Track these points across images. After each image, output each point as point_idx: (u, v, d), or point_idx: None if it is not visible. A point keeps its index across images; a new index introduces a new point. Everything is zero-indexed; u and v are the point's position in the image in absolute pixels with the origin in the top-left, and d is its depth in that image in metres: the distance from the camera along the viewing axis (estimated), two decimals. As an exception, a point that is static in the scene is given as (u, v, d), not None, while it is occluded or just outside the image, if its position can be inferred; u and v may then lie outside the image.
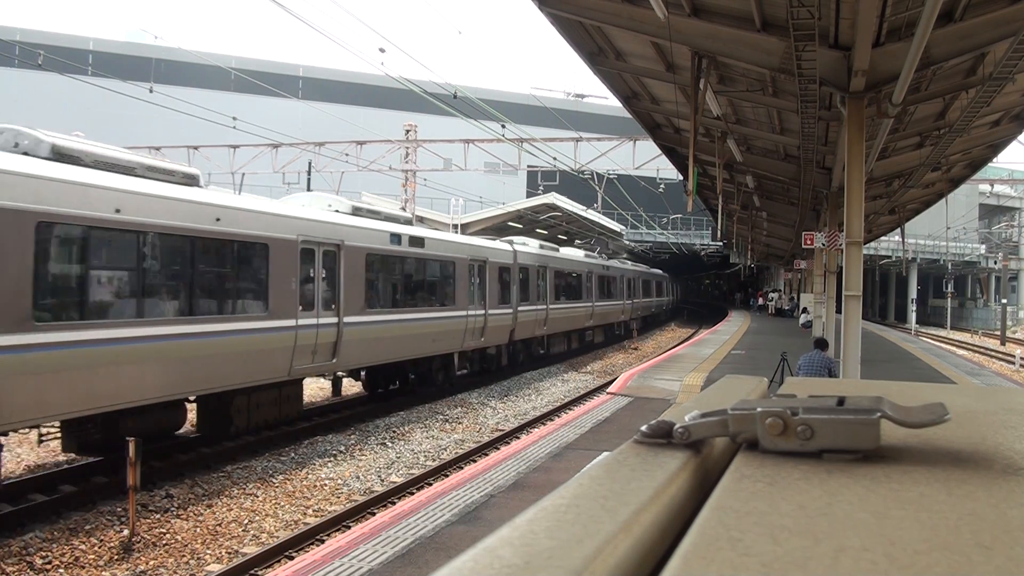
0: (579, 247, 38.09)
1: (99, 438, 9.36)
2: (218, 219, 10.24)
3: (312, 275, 12.17)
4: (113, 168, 9.30)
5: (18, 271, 7.71)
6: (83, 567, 7.22)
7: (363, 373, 15.39)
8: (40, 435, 9.46)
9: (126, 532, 7.85)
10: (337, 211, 13.86)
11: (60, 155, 8.80)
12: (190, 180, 10.44)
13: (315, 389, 16.51)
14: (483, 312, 18.55)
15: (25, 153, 8.55)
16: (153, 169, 10.03)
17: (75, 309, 8.46)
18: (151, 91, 24.64)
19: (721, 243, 44.90)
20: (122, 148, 10.31)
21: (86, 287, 8.69)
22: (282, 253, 11.39)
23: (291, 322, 11.53)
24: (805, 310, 44.90)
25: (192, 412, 11.26)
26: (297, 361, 11.69)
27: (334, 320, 12.58)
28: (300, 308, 11.75)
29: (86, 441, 9.45)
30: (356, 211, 14.47)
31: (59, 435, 9.49)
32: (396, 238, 14.81)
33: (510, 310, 20.48)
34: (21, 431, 10.09)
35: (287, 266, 11.49)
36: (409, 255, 15.36)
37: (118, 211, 8.76)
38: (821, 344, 12.67)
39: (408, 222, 16.49)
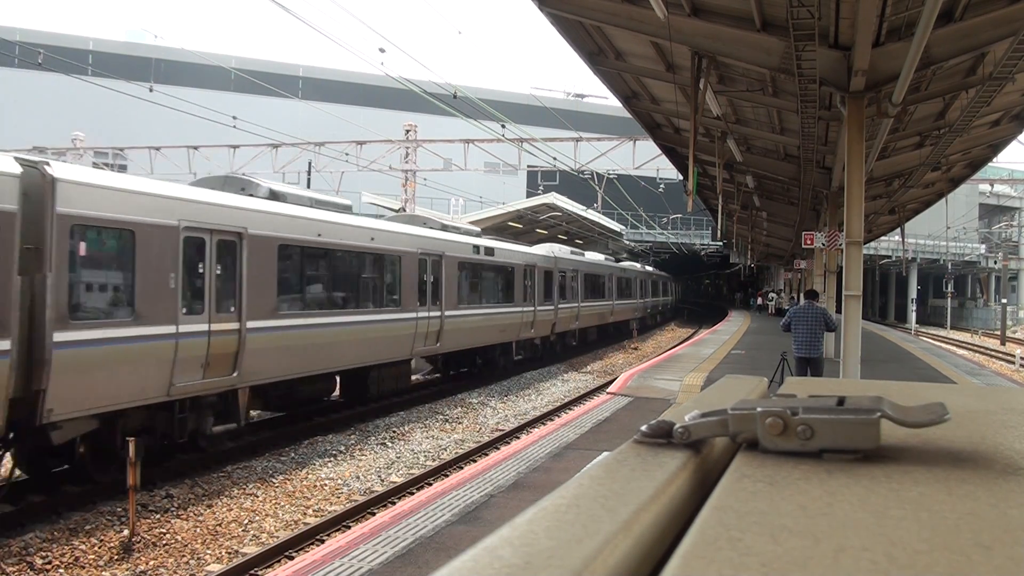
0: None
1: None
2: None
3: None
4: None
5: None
6: (83, 567, 7.22)
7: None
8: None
9: (126, 532, 7.85)
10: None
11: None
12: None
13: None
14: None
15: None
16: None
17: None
18: (151, 91, 24.67)
19: (721, 243, 44.93)
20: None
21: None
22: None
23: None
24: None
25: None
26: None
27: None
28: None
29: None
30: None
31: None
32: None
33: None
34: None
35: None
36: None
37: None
38: (812, 295, 12.70)
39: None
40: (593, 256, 32.84)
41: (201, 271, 9.99)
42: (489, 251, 19.53)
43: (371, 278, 14.29)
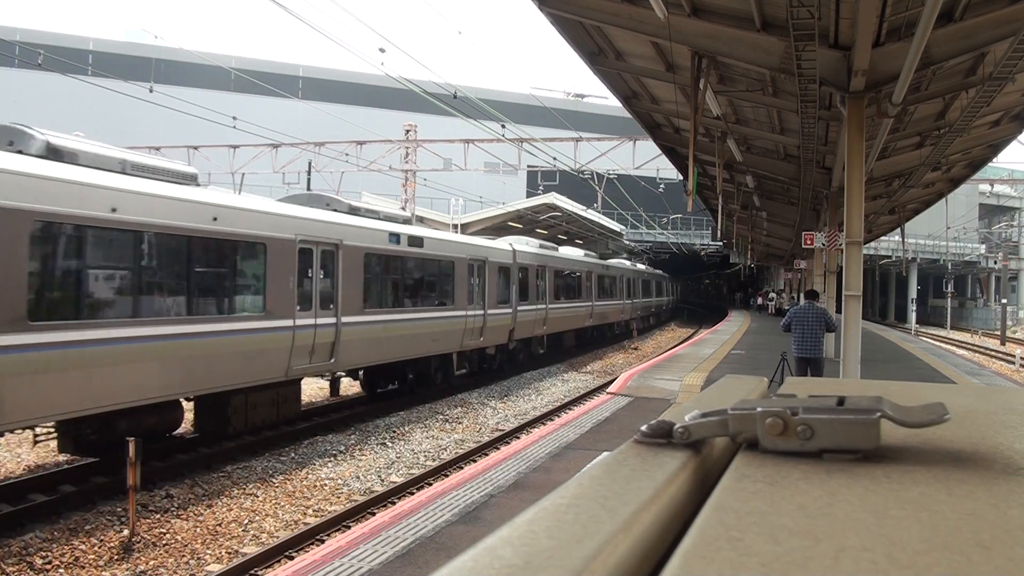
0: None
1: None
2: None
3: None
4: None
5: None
6: (83, 567, 7.22)
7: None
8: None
9: (126, 532, 7.85)
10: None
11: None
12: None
13: (315, 389, 16.50)
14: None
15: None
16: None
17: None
18: (151, 91, 24.65)
19: (721, 243, 44.93)
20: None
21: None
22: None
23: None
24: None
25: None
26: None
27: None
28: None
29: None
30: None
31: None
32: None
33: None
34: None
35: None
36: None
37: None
38: (812, 295, 12.69)
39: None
40: (570, 252, 28.93)
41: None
42: (415, 241, 15.50)
43: (210, 274, 10.57)
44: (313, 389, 16.32)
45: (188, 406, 11.05)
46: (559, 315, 25.06)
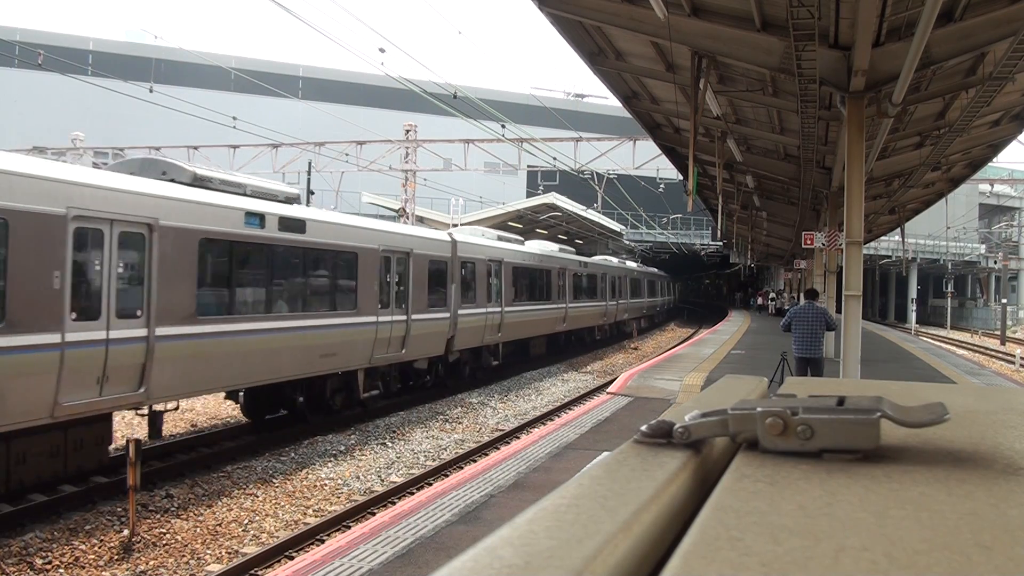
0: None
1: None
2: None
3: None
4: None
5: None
6: (83, 567, 7.22)
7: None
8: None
9: (126, 532, 7.85)
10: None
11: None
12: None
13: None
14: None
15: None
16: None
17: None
18: (151, 91, 24.67)
19: (721, 243, 44.94)
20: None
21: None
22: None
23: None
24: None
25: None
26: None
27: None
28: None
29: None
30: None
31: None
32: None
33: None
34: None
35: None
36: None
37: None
38: (812, 294, 12.66)
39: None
40: (538, 245, 25.37)
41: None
42: (291, 224, 11.71)
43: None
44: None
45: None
46: (520, 319, 21.51)
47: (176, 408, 11.13)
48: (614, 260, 38.21)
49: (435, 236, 17.20)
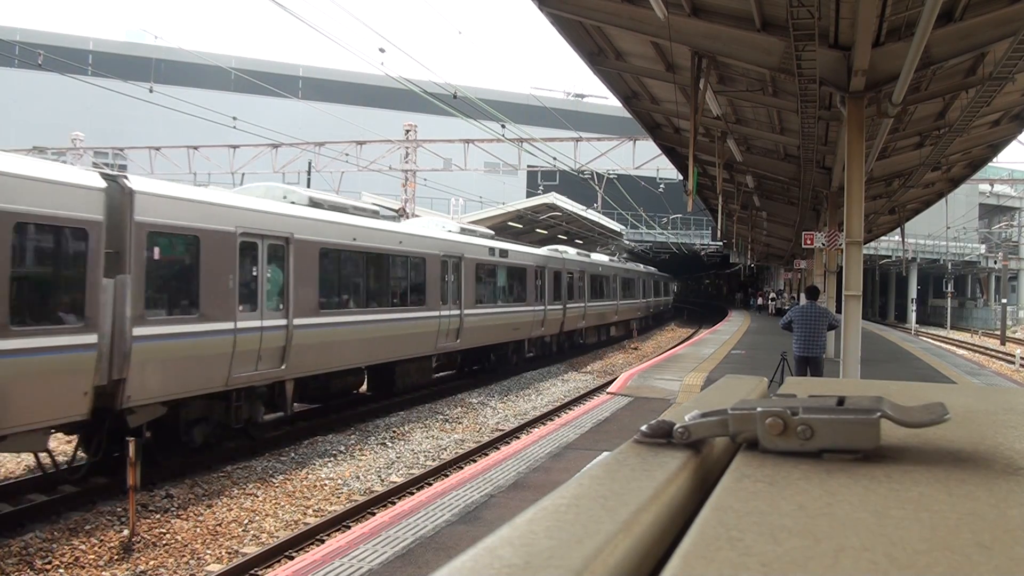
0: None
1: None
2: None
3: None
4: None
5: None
6: (83, 567, 7.22)
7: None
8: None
9: (126, 532, 7.85)
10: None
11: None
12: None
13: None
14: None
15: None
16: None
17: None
18: (151, 91, 24.65)
19: (721, 243, 44.94)
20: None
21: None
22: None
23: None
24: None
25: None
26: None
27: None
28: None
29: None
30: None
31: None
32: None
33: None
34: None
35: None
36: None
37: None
38: (813, 294, 12.59)
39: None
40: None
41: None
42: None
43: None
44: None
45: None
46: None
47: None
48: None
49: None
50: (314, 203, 13.13)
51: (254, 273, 11.64)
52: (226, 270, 10.50)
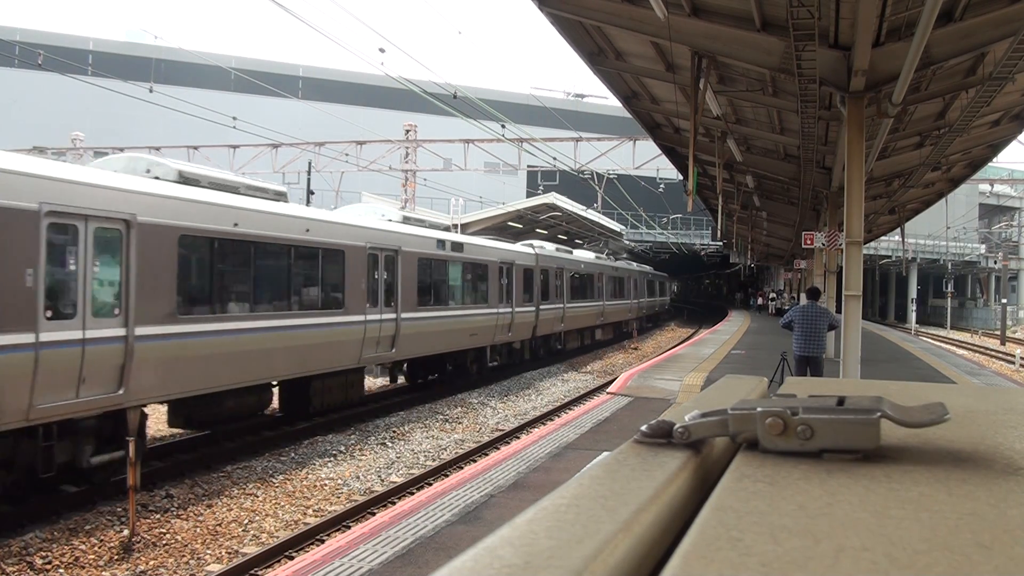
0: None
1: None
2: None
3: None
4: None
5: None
6: (83, 567, 7.22)
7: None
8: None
9: (126, 532, 7.85)
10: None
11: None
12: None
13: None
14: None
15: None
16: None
17: None
18: (151, 91, 24.67)
19: (721, 243, 44.92)
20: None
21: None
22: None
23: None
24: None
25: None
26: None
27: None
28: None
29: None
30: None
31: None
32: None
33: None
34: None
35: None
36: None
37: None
38: (814, 294, 12.62)
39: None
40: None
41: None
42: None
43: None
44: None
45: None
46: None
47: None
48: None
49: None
50: (185, 179, 10.51)
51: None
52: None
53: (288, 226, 11.74)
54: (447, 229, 19.77)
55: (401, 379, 17.57)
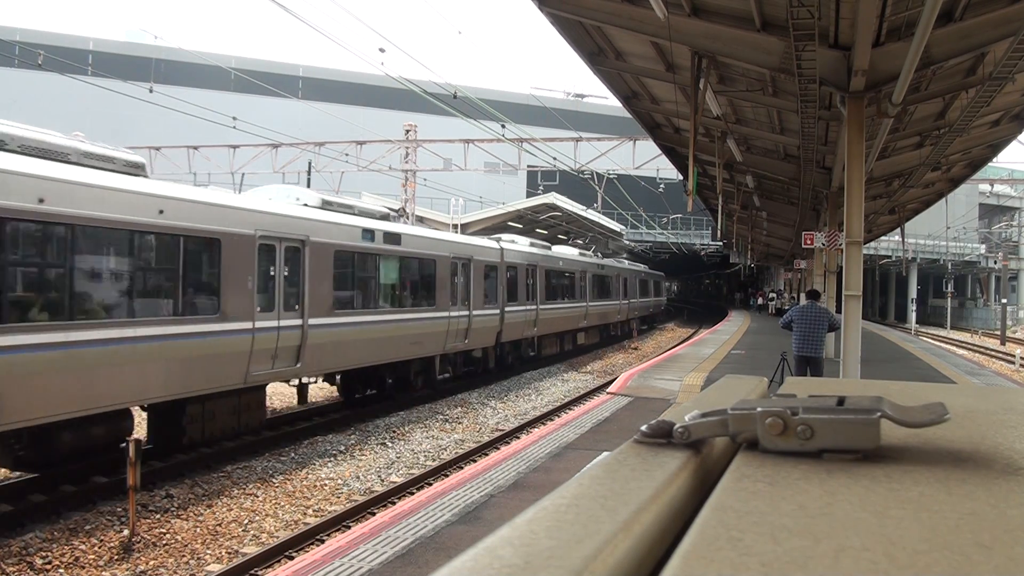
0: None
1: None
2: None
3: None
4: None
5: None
6: (83, 567, 7.22)
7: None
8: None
9: (126, 532, 7.85)
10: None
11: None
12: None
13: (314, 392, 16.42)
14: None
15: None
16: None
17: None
18: (151, 91, 24.66)
19: (721, 243, 44.93)
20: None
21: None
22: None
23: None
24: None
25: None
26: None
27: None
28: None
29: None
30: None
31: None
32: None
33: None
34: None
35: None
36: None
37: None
38: (814, 295, 12.69)
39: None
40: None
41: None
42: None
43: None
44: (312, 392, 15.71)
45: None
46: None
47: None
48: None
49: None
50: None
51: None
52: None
53: (129, 206, 8.92)
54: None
55: (324, 392, 15.66)
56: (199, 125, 26.65)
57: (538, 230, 37.41)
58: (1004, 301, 43.64)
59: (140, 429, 11.90)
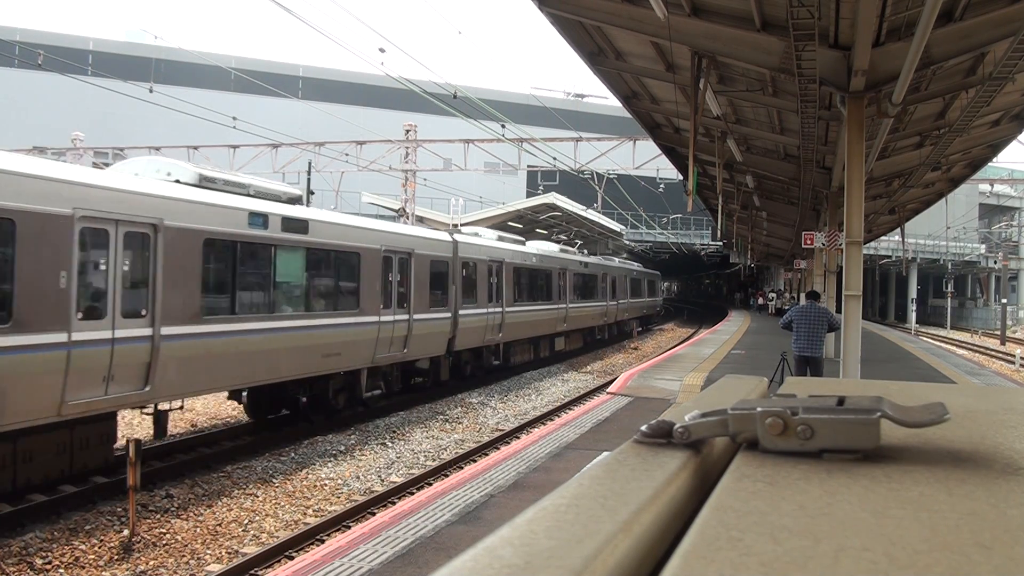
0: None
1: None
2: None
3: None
4: None
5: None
6: (83, 567, 7.22)
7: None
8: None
9: (126, 532, 7.85)
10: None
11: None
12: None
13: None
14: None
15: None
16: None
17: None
18: (151, 91, 24.68)
19: (721, 243, 44.94)
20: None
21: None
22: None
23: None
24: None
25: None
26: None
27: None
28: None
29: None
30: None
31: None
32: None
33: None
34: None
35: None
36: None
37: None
38: (814, 295, 12.73)
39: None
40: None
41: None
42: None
43: None
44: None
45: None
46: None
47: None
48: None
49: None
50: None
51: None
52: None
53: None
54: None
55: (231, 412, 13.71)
56: (199, 125, 26.67)
57: (538, 230, 37.41)
58: (1004, 301, 43.64)
59: (140, 430, 11.95)
